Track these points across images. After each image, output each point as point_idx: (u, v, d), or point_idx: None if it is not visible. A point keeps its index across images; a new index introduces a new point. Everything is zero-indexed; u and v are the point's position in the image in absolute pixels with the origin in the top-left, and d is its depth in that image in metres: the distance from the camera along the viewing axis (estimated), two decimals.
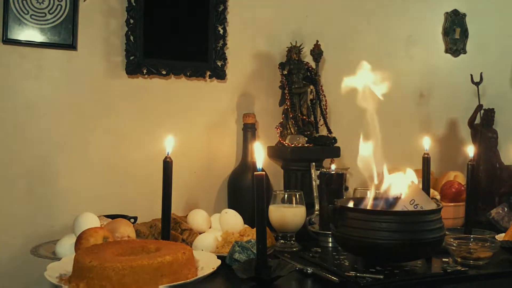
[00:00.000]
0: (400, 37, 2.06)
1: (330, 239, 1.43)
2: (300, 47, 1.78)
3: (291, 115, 1.72)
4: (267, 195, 1.23)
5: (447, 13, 2.13)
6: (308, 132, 1.72)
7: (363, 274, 1.12)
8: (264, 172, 1.07)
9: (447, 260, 1.26)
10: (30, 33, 1.50)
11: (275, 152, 1.75)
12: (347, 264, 1.23)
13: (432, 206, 1.22)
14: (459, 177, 1.87)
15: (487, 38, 2.20)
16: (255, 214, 1.06)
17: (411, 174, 1.31)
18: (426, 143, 1.56)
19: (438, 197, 1.70)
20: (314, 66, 1.79)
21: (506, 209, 1.70)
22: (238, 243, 1.22)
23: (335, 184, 1.46)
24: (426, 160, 1.51)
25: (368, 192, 1.32)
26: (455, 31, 2.14)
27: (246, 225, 1.44)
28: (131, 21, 1.61)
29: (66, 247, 1.25)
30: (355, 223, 1.18)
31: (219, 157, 1.76)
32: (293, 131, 1.72)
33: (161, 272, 0.97)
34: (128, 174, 1.63)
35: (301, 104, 1.76)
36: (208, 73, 1.73)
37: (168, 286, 0.96)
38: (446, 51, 2.14)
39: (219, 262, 1.09)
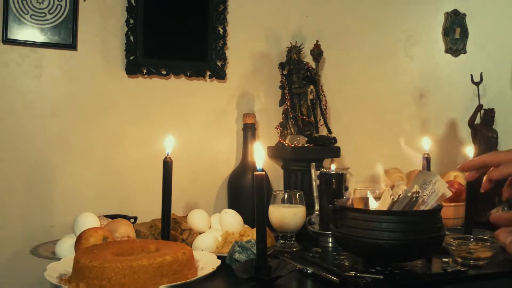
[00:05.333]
0: (400, 37, 2.06)
1: (330, 239, 1.42)
2: (300, 47, 1.78)
3: (291, 115, 1.72)
4: (267, 195, 1.22)
5: (447, 13, 2.13)
6: (308, 132, 1.72)
7: (363, 274, 1.11)
8: (264, 172, 1.07)
9: (447, 260, 1.25)
10: (30, 33, 1.50)
11: (275, 152, 1.75)
12: (347, 264, 1.23)
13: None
14: (459, 177, 1.86)
15: (487, 38, 2.20)
16: (255, 214, 1.06)
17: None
18: (426, 143, 1.56)
19: None
20: (314, 66, 1.79)
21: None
22: (238, 243, 1.22)
23: (335, 184, 1.46)
24: (426, 160, 1.51)
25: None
26: (455, 31, 2.14)
27: (246, 225, 1.44)
28: (131, 21, 1.61)
29: (66, 247, 1.25)
30: (355, 223, 1.17)
31: (219, 157, 1.76)
32: (293, 131, 1.72)
33: (161, 272, 0.97)
34: (128, 174, 1.63)
35: (301, 104, 1.76)
36: (208, 73, 1.73)
37: (168, 286, 0.96)
38: (446, 51, 2.14)
39: (219, 262, 1.09)
